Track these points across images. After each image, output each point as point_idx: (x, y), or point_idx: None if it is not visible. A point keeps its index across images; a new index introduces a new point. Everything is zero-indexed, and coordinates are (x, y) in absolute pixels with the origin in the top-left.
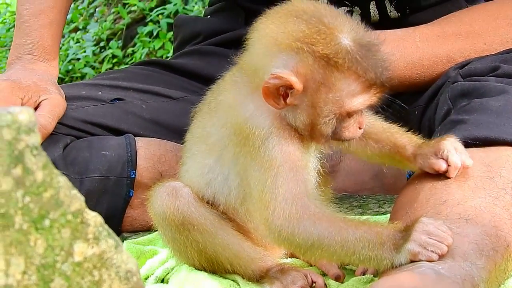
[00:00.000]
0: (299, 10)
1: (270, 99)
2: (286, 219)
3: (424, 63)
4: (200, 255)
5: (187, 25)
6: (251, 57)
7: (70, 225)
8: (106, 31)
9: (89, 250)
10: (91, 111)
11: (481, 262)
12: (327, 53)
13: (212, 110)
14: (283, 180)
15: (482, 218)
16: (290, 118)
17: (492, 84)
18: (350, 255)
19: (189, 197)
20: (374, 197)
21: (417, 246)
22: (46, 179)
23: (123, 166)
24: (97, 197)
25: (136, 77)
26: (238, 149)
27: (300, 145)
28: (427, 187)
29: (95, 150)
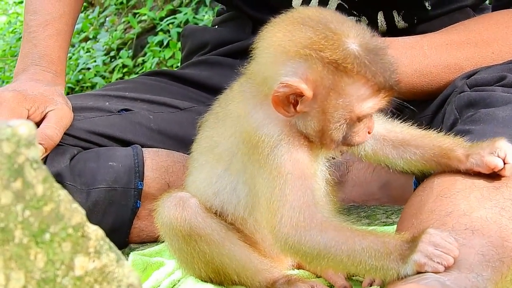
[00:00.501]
0: (305, 17)
1: (280, 108)
2: (293, 227)
3: (432, 71)
4: (207, 266)
5: (194, 35)
6: (259, 66)
7: (71, 239)
8: (116, 41)
9: (90, 264)
10: (98, 121)
11: (487, 274)
12: (336, 58)
13: (220, 120)
14: (291, 188)
15: (488, 229)
16: (300, 126)
17: (498, 94)
18: (356, 264)
19: (196, 208)
20: (381, 207)
21: (423, 257)
22: (46, 193)
23: (131, 177)
24: (104, 208)
25: (143, 87)
26: (246, 157)
27: (309, 153)
28: (433, 198)
29: (102, 161)
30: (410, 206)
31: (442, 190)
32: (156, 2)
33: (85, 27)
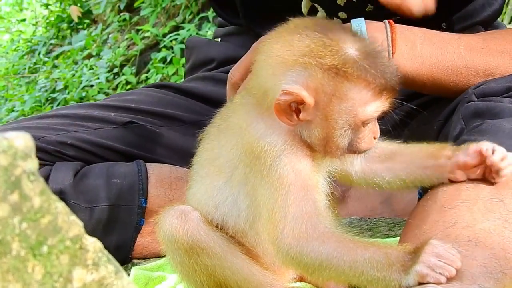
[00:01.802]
0: (301, 27)
1: (283, 116)
2: (295, 238)
3: (462, 72)
4: (209, 279)
5: (200, 49)
6: (259, 79)
7: (69, 251)
8: (120, 57)
9: (89, 276)
10: (103, 133)
11: (489, 285)
12: (335, 64)
13: (221, 132)
14: (293, 199)
15: (491, 241)
16: (304, 134)
17: (505, 105)
18: (358, 275)
19: (198, 221)
20: (384, 220)
21: (425, 268)
22: (43, 205)
23: (134, 195)
24: (108, 226)
25: (149, 99)
26: (248, 169)
27: (311, 164)
28: (437, 209)
29: (106, 178)
30: (413, 216)
31: (446, 201)
32: (159, 18)
33: (88, 44)
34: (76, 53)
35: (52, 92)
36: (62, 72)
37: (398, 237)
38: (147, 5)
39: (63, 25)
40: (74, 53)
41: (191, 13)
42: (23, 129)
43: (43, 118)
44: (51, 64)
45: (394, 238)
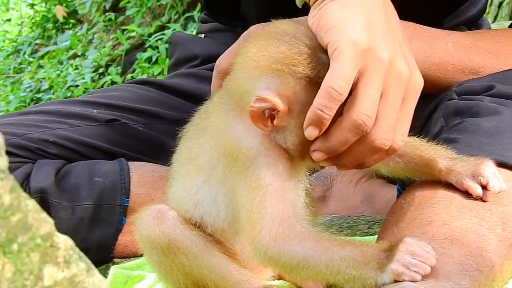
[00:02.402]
0: (280, 31)
1: (258, 122)
2: (272, 238)
3: (448, 69)
4: (186, 278)
5: (183, 45)
6: (236, 81)
7: (40, 249)
8: (105, 57)
9: (60, 274)
10: (86, 131)
11: (465, 283)
12: (309, 73)
13: (201, 131)
14: (271, 200)
15: (467, 239)
16: (280, 140)
17: (485, 104)
18: (335, 274)
19: (174, 220)
20: (364, 218)
21: (400, 266)
22: (13, 203)
23: (116, 194)
24: (90, 225)
25: (132, 96)
26: (227, 169)
27: (289, 165)
28: (414, 206)
29: (88, 176)
30: (391, 214)
31: (424, 199)
32: (144, 18)
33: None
34: (62, 53)
35: (37, 92)
36: (47, 72)
37: (377, 235)
38: (133, 5)
39: (48, 25)
40: (60, 53)
41: (176, 13)
42: (5, 125)
43: (25, 115)
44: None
45: (373, 236)
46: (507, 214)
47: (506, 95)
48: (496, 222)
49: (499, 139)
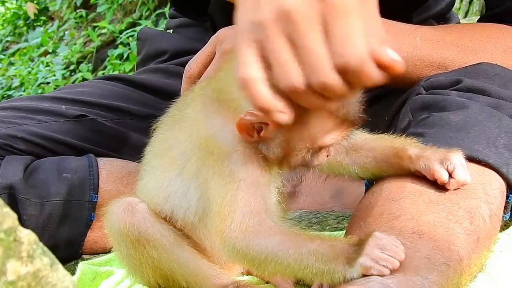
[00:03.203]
0: None
1: (244, 133)
2: (242, 232)
3: (417, 63)
4: (156, 272)
5: (152, 40)
6: (225, 85)
7: (3, 243)
8: (76, 54)
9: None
10: (54, 127)
11: (432, 276)
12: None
13: (176, 123)
14: (243, 195)
15: (435, 233)
16: (262, 148)
17: (452, 98)
18: (303, 268)
19: (145, 213)
20: (333, 213)
21: (369, 261)
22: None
23: (85, 190)
24: (59, 221)
25: (100, 92)
26: (201, 162)
27: (263, 163)
28: (382, 201)
29: (57, 172)
30: (359, 209)
31: (391, 194)
32: (115, 15)
33: (44, 41)
34: (33, 50)
35: (8, 90)
36: (18, 69)
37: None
38: (104, 2)
39: (19, 22)
40: (31, 50)
41: (147, 10)
42: None
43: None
44: (7, 61)
45: (342, 231)
46: (474, 208)
47: (473, 89)
48: (464, 216)
49: (466, 133)
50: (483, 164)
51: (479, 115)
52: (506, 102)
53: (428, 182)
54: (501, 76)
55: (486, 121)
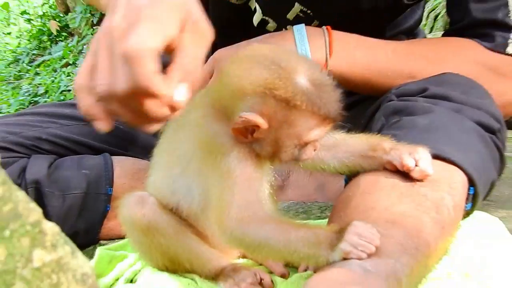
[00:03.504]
0: (260, 56)
1: (239, 135)
2: (238, 221)
3: (389, 74)
4: (163, 256)
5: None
6: (220, 96)
7: (29, 234)
8: None
9: (47, 256)
10: (75, 130)
11: (404, 259)
12: (287, 97)
13: (180, 127)
14: (238, 189)
15: (406, 222)
16: (256, 148)
17: (420, 104)
18: (292, 253)
19: (154, 205)
20: (317, 204)
21: (348, 246)
22: (5, 194)
23: (101, 184)
24: (78, 211)
25: None
26: (202, 161)
27: (256, 160)
28: (359, 194)
29: (77, 169)
30: (339, 201)
31: (367, 188)
32: None
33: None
34: (55, 62)
35: (34, 96)
36: (43, 79)
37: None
38: None
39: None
40: (54, 62)
41: None
42: (4, 125)
43: (22, 116)
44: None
45: (325, 220)
46: (440, 200)
47: (438, 96)
48: (431, 207)
49: (432, 134)
50: (447, 161)
51: (443, 118)
52: (466, 106)
53: (399, 178)
54: (462, 84)
55: (450, 124)
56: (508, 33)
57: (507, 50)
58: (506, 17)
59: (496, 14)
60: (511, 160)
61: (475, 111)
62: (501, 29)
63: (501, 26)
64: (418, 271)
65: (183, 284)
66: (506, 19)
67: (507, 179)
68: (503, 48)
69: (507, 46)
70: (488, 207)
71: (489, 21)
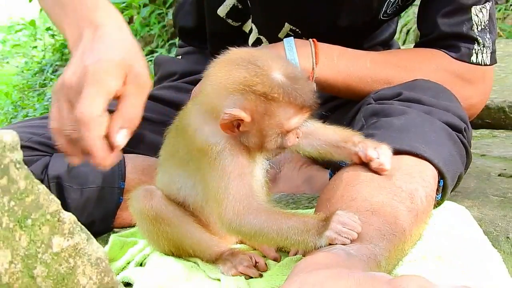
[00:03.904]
0: (238, 58)
1: (227, 130)
2: (235, 214)
3: (368, 80)
4: (169, 242)
5: (165, 65)
6: (207, 97)
7: (49, 223)
8: None
9: (65, 242)
10: None
11: (383, 244)
12: (265, 91)
13: (179, 131)
14: (233, 184)
15: (384, 210)
16: (243, 140)
17: (395, 107)
18: (284, 240)
19: (160, 198)
20: (305, 195)
21: (333, 233)
22: (28, 187)
23: (115, 179)
24: (95, 203)
25: None
26: (199, 161)
27: (247, 156)
28: (342, 186)
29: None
30: (324, 193)
31: (349, 181)
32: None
33: None
34: None
35: None
36: None
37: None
38: None
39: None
40: None
41: (162, 40)
42: (29, 127)
43: (45, 119)
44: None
45: (313, 209)
46: (414, 191)
47: (411, 100)
48: (406, 197)
49: (407, 133)
50: (420, 157)
51: (416, 119)
52: (436, 109)
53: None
54: (432, 89)
55: (422, 124)
56: (472, 44)
57: (471, 59)
58: (470, 30)
59: (461, 28)
60: (476, 156)
61: (444, 113)
62: (466, 41)
63: (465, 38)
64: (395, 254)
65: (187, 266)
66: (470, 32)
67: (473, 173)
68: (468, 58)
69: (471, 56)
70: (456, 198)
71: (455, 34)
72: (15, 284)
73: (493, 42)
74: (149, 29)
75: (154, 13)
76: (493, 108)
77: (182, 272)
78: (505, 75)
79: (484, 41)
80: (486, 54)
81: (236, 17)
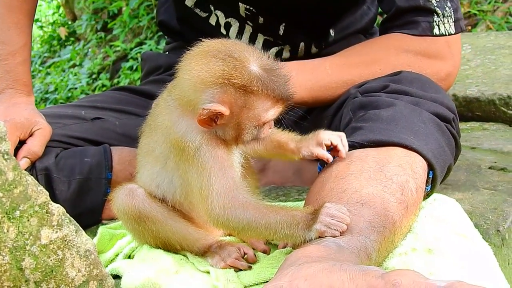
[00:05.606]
0: (214, 50)
1: (205, 124)
2: (221, 209)
3: (332, 86)
4: (156, 240)
5: (151, 60)
6: (182, 91)
7: (37, 215)
8: (97, 66)
9: (54, 234)
10: (75, 128)
11: (373, 236)
12: (244, 84)
13: (153, 130)
14: (215, 179)
15: (374, 202)
16: (220, 133)
17: (383, 99)
18: (273, 234)
19: (142, 196)
20: (295, 187)
21: (323, 226)
22: (16, 178)
23: (101, 169)
24: (83, 194)
25: (111, 100)
26: (177, 158)
27: (225, 149)
28: (332, 179)
29: (79, 157)
30: (314, 185)
31: (339, 173)
32: (127, 36)
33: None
34: (64, 63)
35: (45, 93)
36: (53, 78)
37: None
38: (118, 26)
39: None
40: (62, 63)
41: (151, 32)
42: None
43: None
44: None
45: (302, 201)
46: (404, 182)
47: (398, 91)
48: (396, 189)
49: (395, 125)
50: (409, 148)
51: (404, 111)
52: (424, 100)
53: (367, 164)
54: (418, 80)
55: (410, 115)
56: (431, 16)
57: (434, 32)
58: (427, 2)
59: (418, 1)
60: (467, 149)
61: (432, 103)
62: (424, 15)
63: (423, 11)
64: (386, 246)
65: (175, 259)
66: (427, 3)
67: (463, 165)
68: (430, 31)
69: (433, 29)
70: (447, 190)
71: (412, 8)
72: (3, 276)
73: (455, 10)
74: (138, 20)
75: (143, 5)
76: (483, 100)
77: (171, 264)
78: (495, 67)
79: (444, 11)
80: (448, 24)
81: (203, 7)
